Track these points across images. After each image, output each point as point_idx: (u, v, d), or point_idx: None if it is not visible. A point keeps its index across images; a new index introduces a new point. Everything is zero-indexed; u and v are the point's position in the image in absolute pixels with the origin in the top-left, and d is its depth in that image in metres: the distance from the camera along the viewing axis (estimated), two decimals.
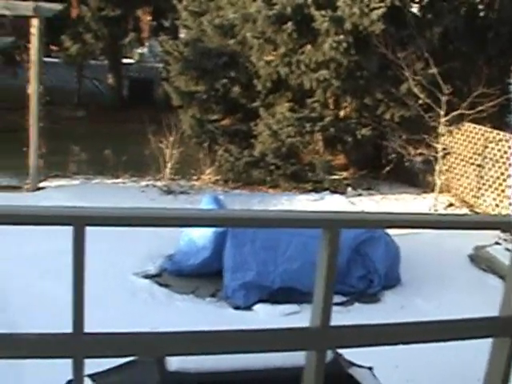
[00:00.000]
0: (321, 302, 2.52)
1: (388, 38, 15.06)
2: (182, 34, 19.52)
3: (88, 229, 2.38)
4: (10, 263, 10.44)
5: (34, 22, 14.99)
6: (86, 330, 2.45)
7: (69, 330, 2.51)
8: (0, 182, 16.77)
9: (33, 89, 15.15)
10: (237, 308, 9.73)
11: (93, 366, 2.52)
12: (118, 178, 16.11)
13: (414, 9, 17.16)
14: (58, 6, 16.01)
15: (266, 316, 9.44)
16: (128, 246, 10.68)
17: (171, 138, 15.60)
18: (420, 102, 15.37)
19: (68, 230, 2.43)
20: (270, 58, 15.99)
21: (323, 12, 14.99)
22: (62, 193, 14.43)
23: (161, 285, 10.28)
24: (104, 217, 2.41)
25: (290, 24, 15.25)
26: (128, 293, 9.78)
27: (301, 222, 2.67)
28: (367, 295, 10.57)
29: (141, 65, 30.77)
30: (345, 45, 14.91)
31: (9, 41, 27.19)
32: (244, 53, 16.70)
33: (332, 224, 2.48)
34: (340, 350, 5.93)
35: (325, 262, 2.49)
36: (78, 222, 2.32)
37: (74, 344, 2.46)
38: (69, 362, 2.58)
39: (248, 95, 16.79)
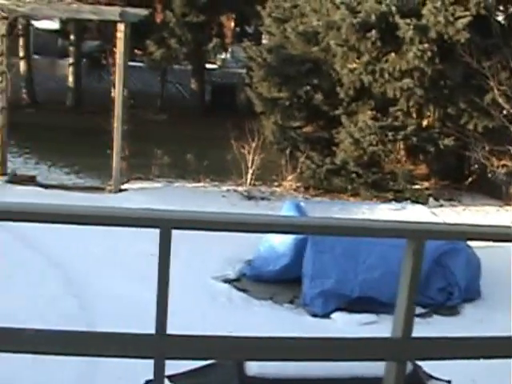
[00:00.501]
0: (403, 312, 2.51)
1: (473, 47, 14.84)
2: (265, 41, 19.58)
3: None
4: (95, 263, 10.65)
5: (120, 26, 15.22)
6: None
7: (149, 330, 2.55)
8: (83, 183, 17.10)
9: (118, 92, 15.39)
10: (315, 315, 9.70)
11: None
12: (199, 182, 16.23)
13: (500, 17, 16.91)
14: (143, 12, 16.25)
15: (344, 325, 9.39)
16: (208, 250, 10.77)
17: (253, 144, 15.66)
18: (504, 112, 15.12)
19: (152, 233, 2.47)
20: (353, 65, 15.93)
21: (408, 20, 14.87)
22: (143, 195, 14.61)
23: (239, 289, 10.31)
24: (190, 220, 2.44)
25: (373, 32, 15.16)
26: (207, 296, 9.85)
27: (385, 231, 2.66)
28: (446, 308, 10.44)
29: (223, 70, 30.98)
30: (429, 54, 14.76)
31: (94, 45, 27.67)
32: (327, 60, 16.66)
33: (417, 235, 2.47)
34: (419, 362, 5.86)
35: (408, 272, 2.48)
36: (165, 224, 2.35)
37: (157, 345, 2.50)
38: (140, 362, 2.62)
39: (330, 102, 16.74)
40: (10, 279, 9.58)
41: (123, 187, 15.64)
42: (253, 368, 5.61)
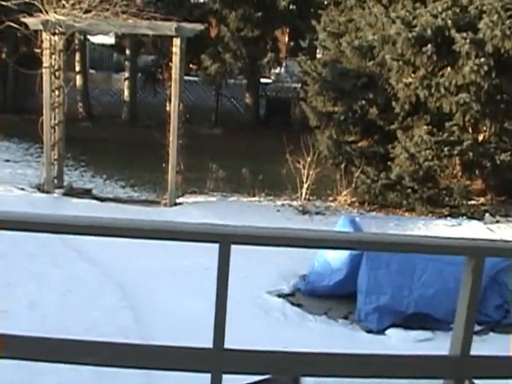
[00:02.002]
0: (461, 330, 2.49)
1: None
2: (319, 55, 19.59)
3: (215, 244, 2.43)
4: (150, 276, 10.72)
5: (176, 41, 15.34)
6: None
7: (203, 344, 2.57)
8: (139, 197, 17.25)
9: (173, 106, 15.49)
10: (369, 331, 9.62)
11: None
12: (254, 196, 16.27)
13: None
14: (199, 27, 16.35)
15: (399, 341, 9.30)
16: (263, 265, 10.78)
17: (308, 159, 15.66)
18: None
19: (206, 247, 2.48)
20: (409, 80, 15.84)
21: (464, 34, 14.74)
22: (198, 209, 14.68)
23: (293, 304, 10.28)
24: (249, 235, 2.46)
25: (429, 46, 15.07)
26: (261, 310, 9.84)
27: (443, 248, 2.64)
28: (502, 326, 10.27)
29: (277, 85, 31.05)
30: (486, 68, 14.60)
31: (150, 59, 27.97)
32: (383, 74, 16.61)
33: (477, 252, 2.45)
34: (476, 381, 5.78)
35: (467, 289, 2.46)
36: (225, 239, 2.37)
37: (214, 359, 2.52)
38: (197, 375, 2.64)
39: (386, 117, 16.67)
40: (69, 292, 9.70)
41: (178, 201, 15.74)
42: None
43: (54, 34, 15.49)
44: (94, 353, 2.67)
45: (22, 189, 15.81)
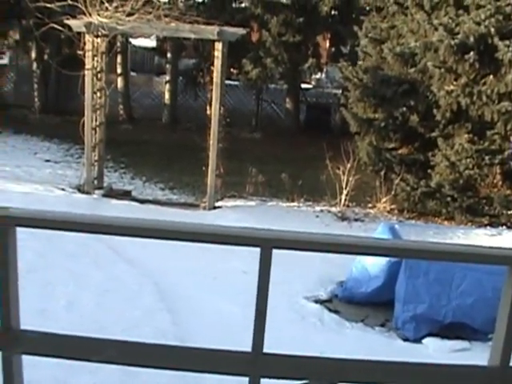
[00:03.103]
0: (501, 341, 2.47)
1: None
2: (360, 61, 19.55)
3: (254, 248, 2.43)
4: (188, 279, 10.76)
5: (218, 45, 15.39)
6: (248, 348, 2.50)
7: (239, 348, 2.57)
8: (178, 199, 17.32)
9: (214, 110, 15.53)
10: (406, 340, 9.56)
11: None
12: (293, 201, 16.25)
13: None
14: (241, 31, 16.38)
15: (435, 350, 9.22)
16: (299, 270, 10.76)
17: (348, 165, 15.61)
18: None
19: (246, 251, 2.47)
20: (450, 87, 15.74)
21: (507, 42, 14.62)
22: (237, 213, 14.69)
23: (330, 310, 10.24)
24: (291, 240, 2.45)
25: (472, 54, 14.97)
26: (298, 316, 9.83)
27: (484, 257, 2.62)
28: None
29: (318, 90, 31.03)
30: None
31: (191, 63, 28.09)
32: (424, 82, 16.52)
33: None
34: None
35: (508, 300, 2.44)
36: (266, 244, 2.37)
37: (253, 363, 2.51)
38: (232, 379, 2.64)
39: (426, 125, 16.58)
40: (108, 293, 9.76)
41: (217, 204, 15.77)
42: None
43: (96, 36, 15.62)
44: (130, 353, 2.68)
45: (63, 189, 15.94)
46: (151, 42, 31.27)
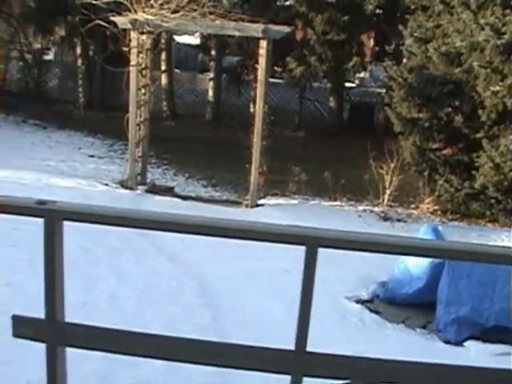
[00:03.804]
0: None
1: None
2: (405, 60, 19.44)
3: (296, 247, 2.41)
4: (229, 276, 10.78)
5: (263, 43, 15.38)
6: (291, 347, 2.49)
7: (279, 346, 2.56)
8: (220, 196, 17.36)
9: (258, 108, 15.54)
10: (447, 342, 9.48)
11: None
12: (335, 200, 16.20)
13: None
14: (285, 29, 16.37)
15: (477, 354, 9.14)
16: (341, 269, 10.72)
17: (391, 165, 15.51)
18: None
19: (288, 250, 2.46)
20: (496, 88, 15.57)
21: None
22: (279, 211, 14.67)
23: (371, 311, 10.19)
24: (337, 239, 2.43)
25: None
26: (339, 316, 9.79)
27: None
28: None
29: (361, 89, 30.91)
30: None
31: (235, 60, 28.13)
32: (469, 82, 16.37)
33: None
34: None
35: None
36: (312, 242, 2.35)
37: (295, 361, 2.50)
38: (272, 376, 2.63)
39: (471, 125, 16.44)
40: (149, 288, 9.81)
41: (260, 202, 15.76)
42: None
43: (142, 33, 15.71)
44: (172, 348, 2.69)
45: (106, 184, 16.06)
46: (195, 40, 31.38)
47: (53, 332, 2.62)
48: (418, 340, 9.45)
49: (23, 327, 2.70)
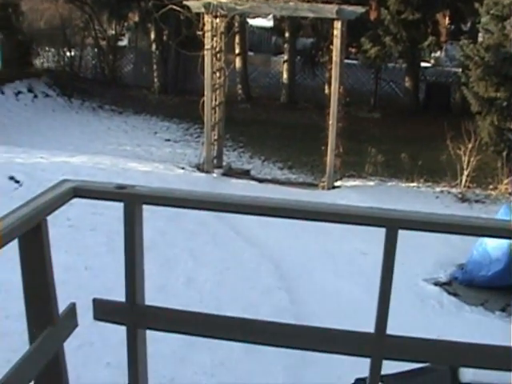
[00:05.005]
0: None
1: None
2: (481, 38, 19.08)
3: (373, 230, 2.39)
4: (307, 259, 10.77)
5: (337, 24, 15.25)
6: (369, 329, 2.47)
7: (358, 328, 2.54)
8: (296, 179, 17.34)
9: (333, 89, 15.43)
10: None
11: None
12: (412, 182, 16.03)
13: None
14: (360, 9, 16.20)
15: None
16: (419, 252, 10.61)
17: (469, 145, 15.27)
18: None
19: (365, 232, 2.44)
20: None
21: None
22: (356, 193, 14.58)
23: (450, 293, 10.08)
24: (418, 221, 2.40)
25: None
26: (417, 298, 9.71)
27: None
28: None
29: (437, 69, 30.46)
30: None
31: (309, 42, 27.99)
32: None
33: None
34: None
35: None
36: (392, 224, 2.33)
37: (375, 344, 2.48)
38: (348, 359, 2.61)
39: None
40: (227, 271, 9.87)
41: (336, 184, 15.69)
42: (467, 375, 5.43)
43: (215, 16, 15.73)
44: (250, 330, 2.69)
45: (182, 168, 16.17)
46: (268, 22, 31.33)
47: (133, 315, 2.65)
48: (496, 323, 9.31)
49: (104, 310, 2.73)
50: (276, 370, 7.24)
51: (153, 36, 28.94)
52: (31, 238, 2.34)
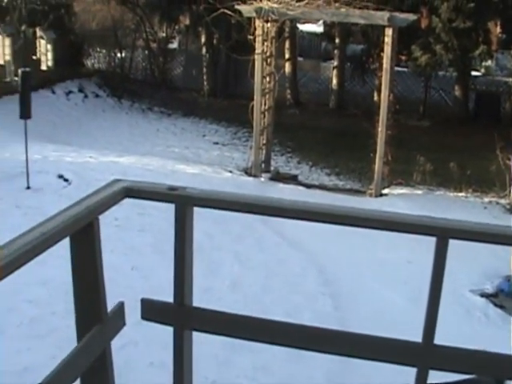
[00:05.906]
0: None
1: None
2: None
3: (420, 238, 2.37)
4: (352, 266, 10.72)
5: (388, 31, 15.20)
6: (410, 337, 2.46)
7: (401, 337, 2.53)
8: (344, 185, 17.30)
9: (383, 97, 15.38)
10: None
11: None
12: (460, 191, 15.88)
13: None
14: (411, 17, 16.14)
15: None
16: (466, 262, 10.51)
17: None
18: None
19: (411, 240, 2.42)
20: None
21: None
22: (404, 201, 14.47)
23: (496, 305, 9.98)
24: (467, 231, 2.38)
25: None
26: (463, 309, 9.63)
27: None
28: None
29: (487, 78, 30.17)
30: None
31: (359, 48, 27.92)
32: None
33: None
34: None
35: None
36: (443, 233, 2.31)
37: (423, 354, 2.47)
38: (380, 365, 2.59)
39: None
40: (271, 275, 9.88)
41: (384, 192, 15.61)
42: None
43: (266, 21, 15.77)
44: (294, 335, 2.69)
45: (230, 171, 16.23)
46: (318, 28, 31.31)
47: (181, 316, 2.67)
48: None
49: (151, 310, 2.75)
50: (318, 374, 7.23)
51: (203, 39, 29.06)
52: (83, 237, 2.37)
